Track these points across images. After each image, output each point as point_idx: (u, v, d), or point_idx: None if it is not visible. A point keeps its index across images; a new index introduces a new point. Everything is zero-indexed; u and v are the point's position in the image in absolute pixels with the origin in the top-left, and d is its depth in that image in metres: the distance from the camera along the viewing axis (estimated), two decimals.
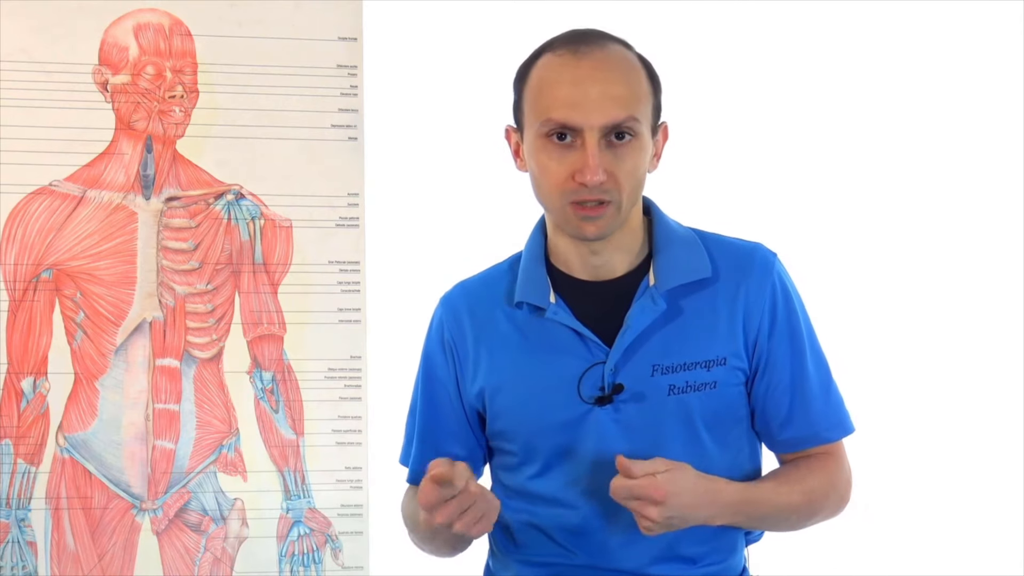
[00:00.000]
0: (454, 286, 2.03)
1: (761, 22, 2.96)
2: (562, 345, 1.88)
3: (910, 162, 2.99)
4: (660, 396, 1.85)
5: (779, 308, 1.90)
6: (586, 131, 1.78)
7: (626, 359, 1.85)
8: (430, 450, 1.98)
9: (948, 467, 2.94)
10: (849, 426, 1.96)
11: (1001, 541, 2.94)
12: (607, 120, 1.78)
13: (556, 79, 1.81)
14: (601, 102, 1.78)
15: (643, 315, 1.85)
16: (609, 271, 1.90)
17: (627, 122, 1.79)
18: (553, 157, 1.81)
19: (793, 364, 1.91)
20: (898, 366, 2.94)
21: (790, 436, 1.93)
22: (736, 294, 1.89)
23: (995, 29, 2.99)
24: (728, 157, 2.93)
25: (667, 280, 1.87)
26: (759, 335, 1.89)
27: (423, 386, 2.02)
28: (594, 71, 1.80)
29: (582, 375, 1.86)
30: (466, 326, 1.96)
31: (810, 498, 1.91)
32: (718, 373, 1.87)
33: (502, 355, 1.92)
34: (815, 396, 1.93)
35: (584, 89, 1.78)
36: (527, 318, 1.91)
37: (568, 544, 1.90)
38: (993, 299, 2.99)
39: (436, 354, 2.00)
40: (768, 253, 1.94)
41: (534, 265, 1.92)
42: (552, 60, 1.83)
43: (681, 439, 1.85)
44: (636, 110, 1.80)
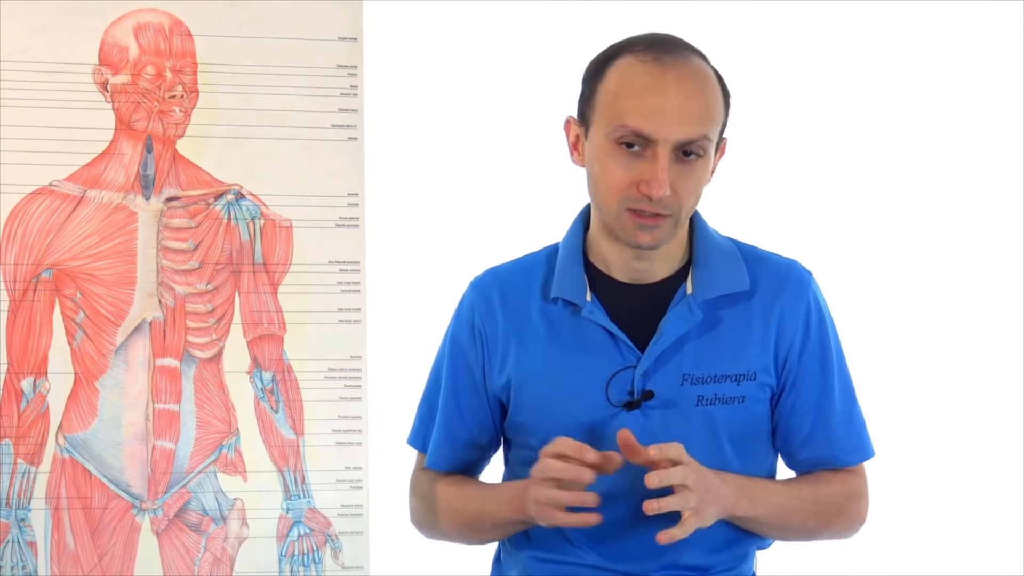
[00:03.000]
0: (485, 272, 2.01)
1: (760, 22, 2.96)
2: (594, 345, 1.87)
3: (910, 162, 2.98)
4: (688, 406, 1.85)
5: (812, 328, 1.90)
6: (659, 144, 1.76)
7: (657, 366, 1.85)
8: (452, 436, 1.98)
9: (948, 467, 2.94)
10: (869, 451, 1.96)
11: (1001, 541, 2.94)
12: (683, 136, 1.76)
13: (640, 86, 1.77)
14: (680, 117, 1.76)
15: (678, 323, 1.85)
16: (649, 276, 1.89)
17: (700, 140, 1.78)
18: (620, 163, 1.78)
19: (821, 385, 1.91)
20: (898, 366, 2.94)
21: (809, 456, 1.93)
22: (771, 310, 1.88)
23: (995, 29, 2.99)
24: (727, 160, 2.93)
25: (705, 291, 1.86)
26: (790, 353, 1.89)
27: (449, 369, 2.00)
28: (678, 85, 1.77)
29: (611, 377, 1.85)
30: (498, 314, 1.94)
31: (820, 500, 1.90)
32: (747, 388, 1.86)
33: (532, 348, 1.91)
34: (838, 418, 1.92)
35: (665, 101, 1.76)
36: (561, 314, 1.90)
37: (581, 544, 1.90)
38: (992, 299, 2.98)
39: (464, 339, 1.98)
40: (804, 272, 1.94)
41: (572, 261, 1.91)
42: (634, 64, 1.80)
43: (704, 450, 1.84)
44: (709, 129, 1.79)
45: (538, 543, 1.93)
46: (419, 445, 2.06)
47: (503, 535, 1.97)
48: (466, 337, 1.98)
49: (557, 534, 1.91)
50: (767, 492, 1.87)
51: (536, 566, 1.93)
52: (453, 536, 2.01)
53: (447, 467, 2.00)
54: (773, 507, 1.86)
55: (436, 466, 2.01)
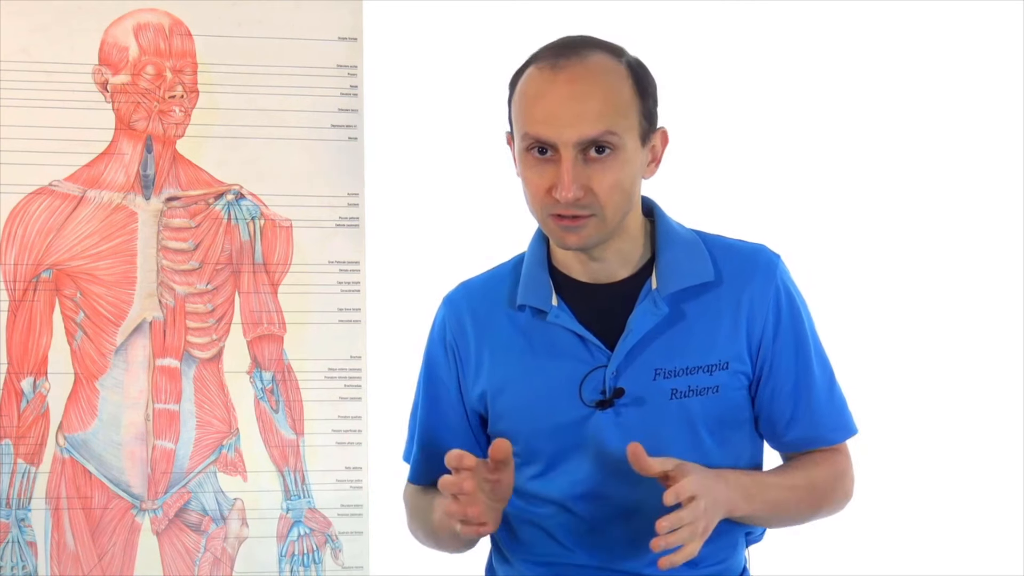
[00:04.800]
0: (457, 286, 2.03)
1: (760, 22, 2.96)
2: (564, 348, 1.88)
3: (910, 162, 2.99)
4: (662, 400, 1.85)
5: (783, 311, 1.90)
6: (560, 147, 1.77)
7: (628, 363, 1.85)
8: (430, 450, 1.98)
9: (948, 467, 2.94)
10: (853, 427, 1.97)
11: (1001, 541, 2.94)
12: (580, 136, 1.77)
13: (534, 94, 1.80)
14: (574, 119, 1.76)
15: (645, 319, 1.85)
16: (610, 275, 1.89)
17: (604, 136, 1.77)
18: (535, 171, 1.81)
19: (798, 367, 1.91)
20: (898, 366, 2.94)
21: (795, 437, 1.93)
22: (739, 297, 1.88)
23: (995, 29, 2.99)
24: (728, 158, 2.93)
25: (669, 284, 1.86)
26: (763, 338, 1.89)
27: (425, 386, 2.02)
28: (569, 86, 1.78)
29: (583, 378, 1.86)
30: (468, 327, 1.96)
31: (814, 486, 1.91)
32: (720, 377, 1.87)
33: (504, 357, 1.92)
34: (819, 398, 1.93)
35: (557, 105, 1.77)
36: (529, 320, 1.91)
37: (569, 544, 1.90)
38: (992, 298, 2.98)
39: (438, 354, 2.00)
40: (772, 255, 1.93)
41: (536, 268, 1.92)
42: (533, 74, 1.82)
43: (682, 442, 1.85)
44: (614, 123, 1.78)
45: (528, 547, 1.94)
46: (409, 460, 2.07)
47: (468, 545, 1.97)
48: (439, 353, 1.99)
49: (545, 537, 1.91)
50: (762, 488, 1.87)
51: (527, 570, 1.94)
52: (436, 545, 2.02)
53: (427, 481, 2.01)
54: (767, 502, 1.87)
55: (417, 481, 2.03)
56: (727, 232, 1.98)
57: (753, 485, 1.86)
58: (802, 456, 1.95)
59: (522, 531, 1.94)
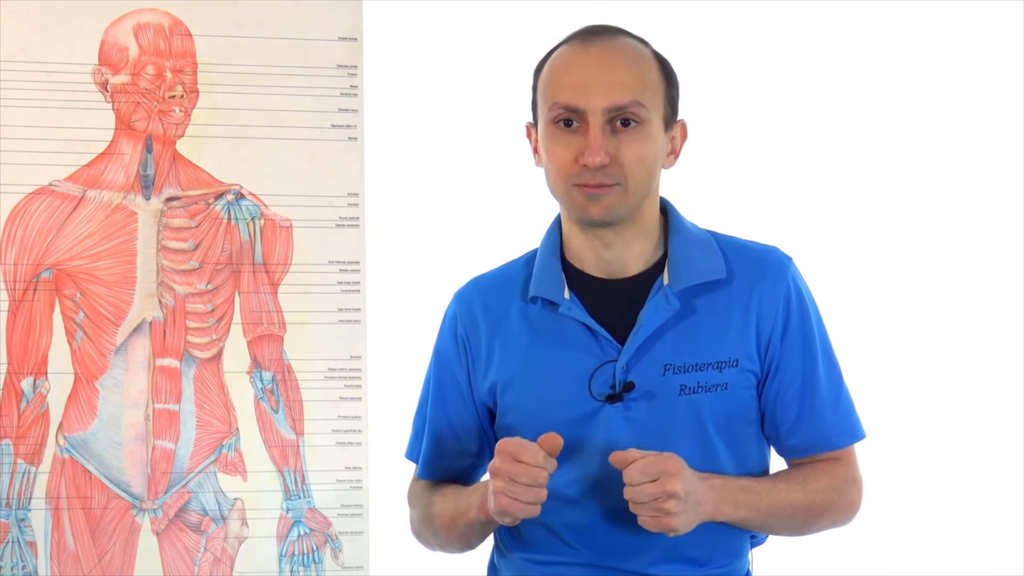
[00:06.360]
0: (468, 282, 2.03)
1: (763, 23, 2.96)
2: (575, 341, 1.88)
3: (911, 163, 2.98)
4: (671, 396, 1.85)
5: (792, 312, 1.90)
6: (589, 114, 1.79)
7: (638, 357, 1.85)
8: (440, 444, 1.98)
9: (948, 468, 2.94)
10: (859, 432, 1.95)
11: (1001, 541, 2.94)
12: (610, 102, 1.79)
13: (564, 65, 1.83)
14: (605, 85, 1.79)
15: (656, 314, 1.85)
16: (622, 268, 1.90)
17: (632, 107, 1.80)
18: (561, 143, 1.82)
19: (805, 368, 1.90)
20: (898, 366, 2.94)
21: (799, 441, 1.92)
22: (750, 296, 1.89)
23: (995, 29, 2.99)
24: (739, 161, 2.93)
25: (681, 280, 1.87)
26: (772, 338, 1.89)
27: (435, 380, 2.01)
28: (600, 56, 1.82)
29: (593, 372, 1.86)
30: (480, 321, 1.95)
31: (813, 498, 1.89)
32: (730, 375, 1.87)
33: (514, 350, 1.92)
34: (825, 401, 1.92)
35: (589, 72, 1.80)
36: (540, 313, 1.91)
37: (574, 542, 1.90)
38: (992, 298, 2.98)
39: (449, 349, 1.99)
40: (783, 257, 1.94)
41: (549, 261, 1.92)
42: (563, 51, 1.86)
43: (691, 439, 1.85)
44: (642, 96, 1.81)
45: (531, 544, 1.94)
46: (414, 457, 2.07)
47: (477, 538, 1.97)
48: (450, 346, 1.99)
49: (549, 534, 1.91)
50: (752, 495, 1.86)
51: (530, 568, 1.94)
52: (443, 542, 2.01)
53: (438, 476, 2.01)
54: (758, 510, 1.86)
55: (427, 476, 2.03)
56: (739, 234, 1.98)
57: (741, 491, 1.85)
58: (804, 466, 1.94)
59: (527, 530, 1.94)
